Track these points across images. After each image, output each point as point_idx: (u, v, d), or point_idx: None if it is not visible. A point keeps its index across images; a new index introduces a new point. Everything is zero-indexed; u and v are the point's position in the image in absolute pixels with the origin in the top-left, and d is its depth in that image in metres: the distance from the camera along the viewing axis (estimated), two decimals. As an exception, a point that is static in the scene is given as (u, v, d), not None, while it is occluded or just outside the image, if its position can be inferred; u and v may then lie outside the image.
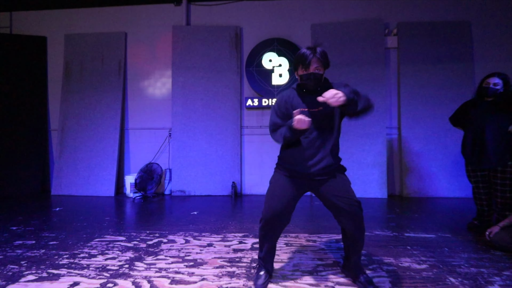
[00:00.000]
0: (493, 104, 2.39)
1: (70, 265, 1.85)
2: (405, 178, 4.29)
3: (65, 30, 4.78)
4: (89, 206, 3.65)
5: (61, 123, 4.64)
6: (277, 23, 4.55)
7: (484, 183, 2.49)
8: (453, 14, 4.43)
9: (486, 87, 2.37)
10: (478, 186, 2.52)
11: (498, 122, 2.35)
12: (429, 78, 4.33)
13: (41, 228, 2.68)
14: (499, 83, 2.32)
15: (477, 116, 2.46)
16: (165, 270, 1.78)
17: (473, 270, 1.76)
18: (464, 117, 2.59)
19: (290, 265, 1.84)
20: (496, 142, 2.34)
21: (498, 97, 2.37)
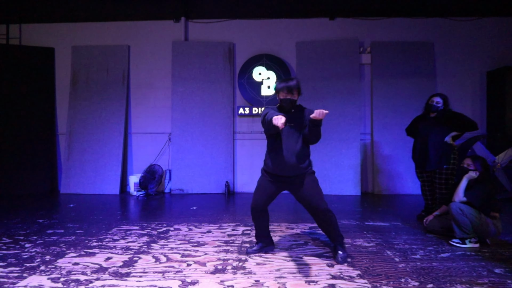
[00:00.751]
0: (435, 119, 3.02)
1: (100, 246, 2.37)
2: (377, 178, 4.93)
3: (72, 42, 5.22)
4: (99, 203, 4.14)
5: (68, 127, 5.08)
6: (266, 40, 5.12)
7: (428, 182, 3.12)
8: (418, 35, 5.09)
9: (431, 104, 3.00)
10: (424, 185, 3.15)
11: (438, 134, 2.98)
12: (398, 90, 4.98)
13: (64, 221, 3.17)
14: (440, 102, 2.95)
15: (423, 128, 3.09)
16: (176, 248, 2.32)
17: (406, 247, 2.38)
18: (415, 129, 3.22)
19: (271, 244, 2.41)
20: (436, 150, 2.97)
21: (439, 113, 3.00)
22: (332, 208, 3.75)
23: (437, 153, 2.95)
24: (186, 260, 2.10)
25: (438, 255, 2.20)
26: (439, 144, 2.96)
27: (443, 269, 1.95)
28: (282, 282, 1.77)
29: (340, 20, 5.12)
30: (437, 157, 2.95)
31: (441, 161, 2.94)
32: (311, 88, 4.98)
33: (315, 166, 4.82)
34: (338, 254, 2.09)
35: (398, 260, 2.10)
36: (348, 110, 4.92)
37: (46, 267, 1.97)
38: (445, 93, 4.98)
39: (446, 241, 2.47)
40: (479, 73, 5.08)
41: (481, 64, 5.07)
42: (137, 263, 2.05)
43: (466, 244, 2.37)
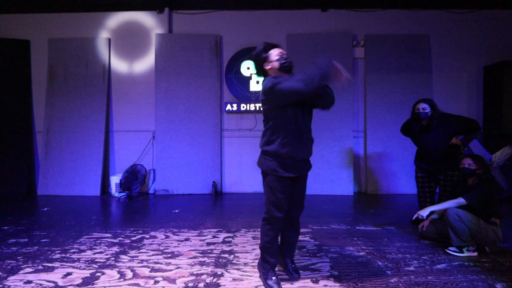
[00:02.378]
0: (429, 127, 2.80)
1: (62, 259, 2.13)
2: (370, 177, 4.75)
3: (49, 34, 4.89)
4: (76, 206, 3.88)
5: (46, 125, 4.79)
6: (255, 33, 4.86)
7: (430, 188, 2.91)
8: (414, 27, 4.87)
9: (418, 112, 2.78)
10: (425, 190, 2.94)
11: (440, 140, 2.76)
12: (392, 86, 4.78)
13: (32, 227, 2.92)
14: (427, 108, 2.74)
15: (421, 137, 2.86)
16: (146, 261, 2.09)
17: (399, 256, 2.19)
18: (410, 132, 2.99)
19: (253, 254, 2.20)
20: (439, 155, 2.76)
21: (430, 119, 2.77)
22: (323, 210, 3.58)
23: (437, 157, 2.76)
24: (155, 276, 1.87)
25: (433, 266, 2.01)
26: (440, 153, 2.76)
27: (440, 285, 1.76)
28: (259, 303, 1.56)
29: (332, 11, 4.87)
30: (438, 162, 2.76)
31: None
32: (302, 84, 4.74)
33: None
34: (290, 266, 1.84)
35: (390, 274, 1.90)
36: (341, 107, 4.70)
37: (-7, 287, 1.74)
38: (441, 88, 4.89)
39: (442, 249, 2.28)
40: (475, 68, 4.90)
41: (478, 59, 4.88)
42: (98, 280, 1.82)
43: (463, 252, 2.19)
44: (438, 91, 4.87)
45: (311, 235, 2.65)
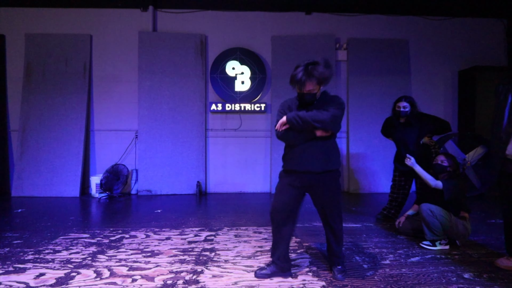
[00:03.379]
0: (406, 124, 2.92)
1: (35, 260, 2.06)
2: (352, 176, 4.86)
3: (26, 29, 4.71)
4: (53, 207, 3.75)
5: (22, 123, 4.60)
6: (240, 33, 4.88)
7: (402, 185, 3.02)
8: (394, 32, 5.06)
9: (398, 110, 2.90)
10: (395, 186, 3.05)
11: (413, 138, 2.89)
12: (373, 88, 4.93)
13: (4, 229, 2.79)
14: (407, 106, 2.86)
15: (399, 135, 2.98)
16: (124, 260, 2.05)
17: (376, 251, 2.25)
18: (390, 130, 3.11)
19: (234, 252, 2.21)
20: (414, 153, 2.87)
21: (409, 117, 2.90)
22: (306, 208, 3.62)
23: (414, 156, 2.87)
24: (133, 274, 1.84)
25: (408, 259, 2.09)
26: (415, 146, 2.88)
27: (412, 276, 1.83)
28: (237, 298, 1.57)
29: (316, 15, 4.98)
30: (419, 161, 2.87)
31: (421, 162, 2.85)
32: (286, 84, 4.75)
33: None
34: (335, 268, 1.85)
35: (367, 267, 1.96)
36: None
37: (-42, 289, 1.65)
38: (419, 91, 5.08)
39: (417, 243, 2.37)
40: (451, 72, 5.14)
41: (453, 63, 5.12)
42: (73, 280, 1.77)
43: (436, 246, 2.28)
44: (417, 94, 5.05)
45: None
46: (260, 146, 4.90)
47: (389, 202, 3.15)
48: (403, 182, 3.00)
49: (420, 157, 2.79)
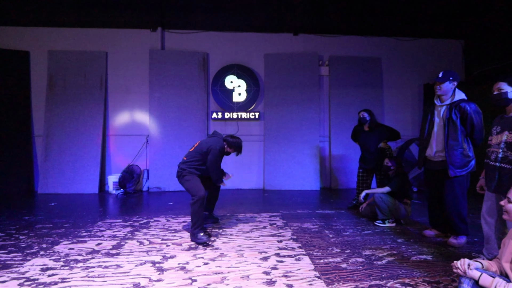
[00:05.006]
0: (369, 131, 3.76)
1: (89, 235, 2.77)
2: (333, 174, 5.69)
3: (48, 47, 5.37)
4: (79, 201, 4.43)
5: (46, 130, 5.25)
6: (237, 52, 5.65)
7: (364, 179, 3.86)
8: (369, 51, 5.91)
9: (360, 117, 3.76)
10: (359, 180, 3.88)
11: (373, 142, 3.73)
12: (351, 99, 5.77)
13: (50, 217, 3.48)
14: (366, 115, 3.73)
15: (362, 139, 3.84)
16: (156, 235, 2.79)
17: (341, 227, 3.05)
18: (356, 137, 3.96)
19: (236, 229, 2.97)
20: (372, 154, 3.72)
21: (370, 126, 3.74)
22: (293, 201, 4.44)
23: (373, 157, 3.71)
24: (166, 242, 2.59)
25: (362, 232, 2.90)
26: (374, 149, 3.71)
27: (362, 241, 2.63)
28: (241, 253, 2.33)
29: (302, 35, 5.79)
30: (373, 160, 3.70)
31: (377, 162, 3.68)
32: (277, 96, 5.61)
33: (281, 165, 5.42)
34: None
35: (332, 236, 2.75)
36: (309, 115, 5.61)
37: (45, 252, 2.37)
38: (390, 101, 5.97)
39: (373, 223, 3.18)
40: (417, 85, 6.02)
41: (419, 77, 6.01)
42: (124, 246, 2.50)
43: (385, 224, 3.09)
44: (388, 104, 5.94)
45: (281, 216, 3.46)
46: (254, 148, 5.68)
47: (356, 194, 3.96)
48: (366, 177, 3.82)
49: (377, 158, 3.62)
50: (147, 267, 2.07)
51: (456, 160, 2.42)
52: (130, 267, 2.07)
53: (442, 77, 2.57)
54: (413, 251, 2.37)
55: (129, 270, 2.02)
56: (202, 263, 2.14)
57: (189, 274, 1.95)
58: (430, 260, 2.19)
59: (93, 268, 2.06)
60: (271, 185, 5.49)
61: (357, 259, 2.20)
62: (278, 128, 5.58)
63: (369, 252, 2.36)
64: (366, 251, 2.38)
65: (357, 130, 3.96)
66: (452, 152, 2.43)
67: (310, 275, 1.92)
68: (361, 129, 3.89)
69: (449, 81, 2.55)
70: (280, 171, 5.50)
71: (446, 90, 2.57)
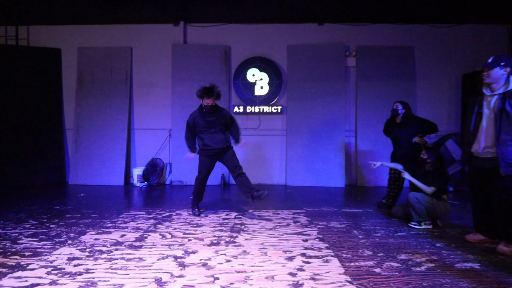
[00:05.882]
0: (401, 124, 3.47)
1: (114, 227, 2.81)
2: (359, 171, 5.41)
3: (77, 44, 5.56)
4: (106, 193, 4.56)
5: (75, 123, 5.47)
6: (260, 44, 5.51)
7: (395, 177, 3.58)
8: (400, 40, 5.51)
9: (393, 109, 3.46)
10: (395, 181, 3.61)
11: (406, 136, 3.43)
12: (380, 92, 5.42)
13: (79, 207, 3.59)
14: (399, 107, 3.42)
15: (394, 133, 3.55)
16: (178, 228, 2.76)
17: (371, 228, 2.85)
18: (388, 130, 3.68)
19: (259, 225, 2.87)
20: (404, 150, 3.43)
21: (403, 118, 3.44)
22: (317, 198, 4.27)
23: (405, 152, 3.42)
24: (187, 236, 2.55)
25: (395, 233, 2.68)
26: (406, 144, 3.42)
27: (396, 244, 2.42)
28: (264, 251, 2.22)
29: (328, 25, 5.51)
30: (406, 156, 3.42)
31: (410, 158, 3.40)
32: (300, 89, 5.40)
33: (304, 160, 5.25)
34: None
35: (361, 237, 2.56)
36: (334, 109, 5.36)
37: (73, 242, 2.41)
38: (423, 94, 5.55)
39: (406, 224, 2.94)
40: (455, 76, 5.53)
41: (457, 68, 5.51)
42: (147, 239, 2.49)
43: (421, 226, 2.84)
44: (421, 97, 5.52)
45: (305, 214, 3.31)
46: (276, 143, 5.54)
47: (387, 193, 3.70)
48: (398, 175, 3.54)
49: (411, 153, 3.34)
50: (169, 262, 2.03)
51: (509, 156, 2.13)
52: (152, 261, 2.04)
53: (491, 62, 2.26)
54: (456, 258, 2.13)
55: (151, 264, 1.99)
56: (224, 260, 2.06)
57: (211, 271, 1.88)
58: (478, 269, 1.95)
59: (117, 260, 2.05)
60: (293, 181, 5.33)
61: (392, 264, 2.01)
62: (301, 122, 5.38)
63: (405, 256, 2.15)
64: (401, 255, 2.18)
65: (389, 123, 3.67)
66: (505, 147, 2.14)
67: (341, 279, 1.77)
68: (393, 122, 3.60)
69: (500, 67, 2.23)
70: (303, 167, 5.32)
71: (496, 78, 2.25)
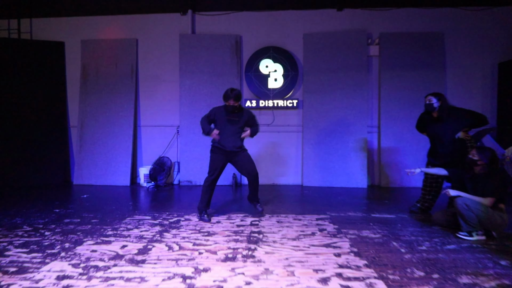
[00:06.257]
0: (439, 119, 3.00)
1: (115, 235, 2.48)
2: (383, 170, 4.94)
3: (81, 36, 5.27)
4: (111, 194, 4.27)
5: (80, 120, 5.20)
6: (273, 32, 5.09)
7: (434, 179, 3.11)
8: (428, 25, 4.99)
9: (426, 103, 3.00)
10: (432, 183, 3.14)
11: (446, 133, 2.96)
12: (406, 83, 4.93)
13: (80, 210, 3.29)
14: (434, 100, 2.94)
15: (431, 129, 3.08)
16: (187, 238, 2.41)
17: (412, 238, 2.42)
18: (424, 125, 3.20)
19: (280, 234, 2.49)
20: (445, 148, 2.96)
21: (439, 111, 2.97)
22: (339, 201, 3.84)
23: (447, 151, 2.96)
24: (198, 248, 2.19)
25: (444, 246, 2.24)
26: (449, 141, 2.96)
27: (449, 260, 1.99)
28: (291, 270, 1.84)
29: (348, 11, 5.04)
30: (448, 155, 2.95)
31: (453, 157, 2.93)
32: (318, 81, 4.97)
33: (322, 159, 4.81)
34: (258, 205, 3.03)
35: (404, 251, 2.15)
36: (355, 103, 4.90)
37: (66, 254, 2.09)
38: (455, 85, 5.01)
39: (452, 234, 2.50)
40: (490, 65, 4.98)
41: (492, 55, 4.96)
42: (151, 251, 2.14)
43: (472, 236, 2.39)
44: (452, 88, 4.99)
45: (330, 220, 2.91)
46: (291, 140, 5.13)
47: (422, 195, 3.25)
48: (437, 177, 3.08)
49: (455, 152, 2.87)
50: (176, 284, 1.67)
51: None
52: (156, 282, 1.68)
53: None
54: (534, 282, 1.69)
55: (154, 287, 1.63)
56: (243, 282, 1.69)
57: (228, 298, 1.51)
58: None
59: (114, 280, 1.71)
60: (310, 181, 4.92)
61: (456, 291, 1.59)
62: (318, 117, 4.95)
63: (468, 279, 1.73)
64: (462, 277, 1.75)
65: (424, 118, 3.19)
66: None
67: (396, 313, 1.37)
68: (429, 117, 3.13)
69: None
70: (320, 166, 4.90)
71: None
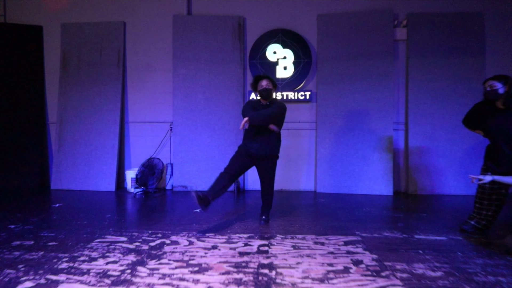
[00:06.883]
0: (506, 110, 2.27)
1: (69, 270, 1.78)
2: (411, 175, 4.21)
3: (61, 19, 4.60)
4: (89, 202, 3.58)
5: (59, 116, 4.52)
6: (282, 13, 4.37)
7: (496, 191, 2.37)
8: (465, 4, 4.24)
9: (487, 90, 2.27)
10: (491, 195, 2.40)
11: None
12: (439, 71, 4.19)
13: (40, 227, 2.61)
14: (498, 85, 2.21)
15: (492, 124, 2.33)
16: (168, 276, 1.70)
17: (491, 279, 1.69)
18: (481, 120, 2.46)
19: (299, 271, 1.77)
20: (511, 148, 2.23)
21: (505, 100, 2.25)
22: (365, 213, 3.11)
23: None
24: (181, 298, 1.48)
25: (544, 295, 1.52)
26: None
27: None
28: None
29: (370, -13, 4.31)
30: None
31: None
32: (334, 69, 4.24)
33: (339, 161, 4.09)
34: None
35: (492, 306, 1.42)
36: (379, 95, 4.17)
37: (-16, 307, 1.39)
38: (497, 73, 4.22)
39: (541, 269, 1.77)
40: (538, 50, 4.22)
41: (541, 39, 4.20)
42: (111, 302, 1.44)
43: None
44: (493, 78, 4.23)
45: (363, 245, 2.18)
46: (303, 139, 4.41)
47: (477, 210, 2.50)
48: (498, 187, 2.34)
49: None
50: None
51: None
52: None
53: None
54: None
55: None
56: None
57: None
58: None
59: None
60: (324, 187, 4.20)
61: None
62: (335, 112, 4.23)
63: None
64: None
65: (482, 110, 2.44)
66: None
67: None
68: (489, 108, 2.38)
69: None
70: (337, 169, 4.18)
71: None
